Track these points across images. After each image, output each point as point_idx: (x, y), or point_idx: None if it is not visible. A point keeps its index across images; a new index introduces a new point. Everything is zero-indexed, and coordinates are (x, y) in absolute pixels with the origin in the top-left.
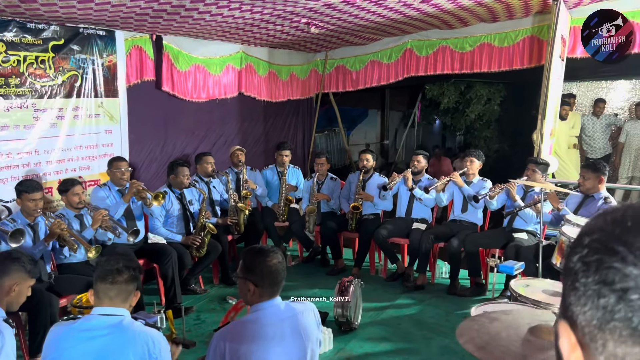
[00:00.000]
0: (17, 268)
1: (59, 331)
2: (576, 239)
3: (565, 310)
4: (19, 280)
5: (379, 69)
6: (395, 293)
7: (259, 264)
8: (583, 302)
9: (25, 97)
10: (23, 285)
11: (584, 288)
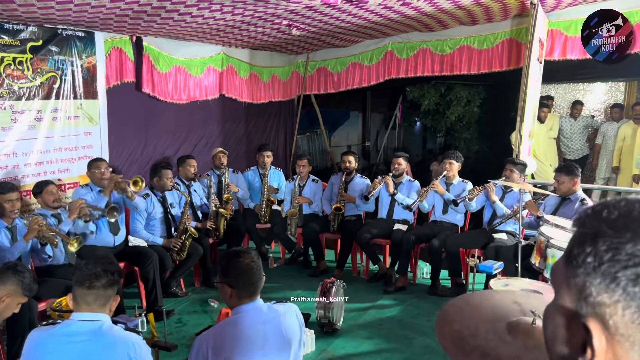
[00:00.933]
0: (15, 281)
1: (38, 336)
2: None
3: (593, 307)
4: (12, 293)
5: (360, 70)
6: (377, 294)
7: (232, 265)
8: (623, 299)
9: (2, 98)
10: (14, 300)
11: (622, 285)
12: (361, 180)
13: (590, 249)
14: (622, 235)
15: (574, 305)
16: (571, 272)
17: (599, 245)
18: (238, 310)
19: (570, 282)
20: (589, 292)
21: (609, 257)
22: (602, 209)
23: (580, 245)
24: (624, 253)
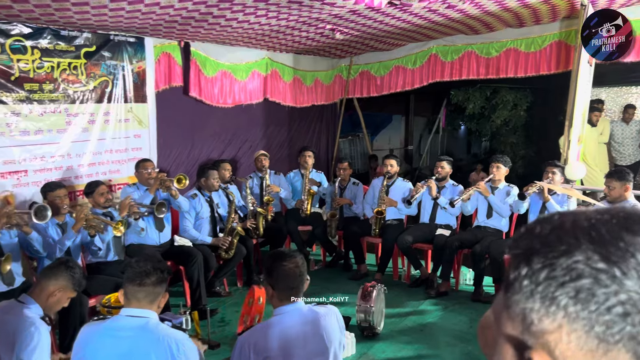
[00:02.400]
0: (67, 276)
1: (89, 331)
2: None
3: (537, 337)
4: (63, 288)
5: (403, 74)
6: (418, 299)
7: (276, 267)
8: (566, 322)
9: (58, 102)
10: (64, 294)
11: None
12: (403, 184)
13: (526, 270)
14: (556, 249)
15: (519, 336)
16: (511, 300)
17: (534, 264)
18: (279, 311)
19: (511, 310)
20: (530, 320)
21: (544, 276)
22: (535, 226)
23: (516, 268)
24: (559, 268)
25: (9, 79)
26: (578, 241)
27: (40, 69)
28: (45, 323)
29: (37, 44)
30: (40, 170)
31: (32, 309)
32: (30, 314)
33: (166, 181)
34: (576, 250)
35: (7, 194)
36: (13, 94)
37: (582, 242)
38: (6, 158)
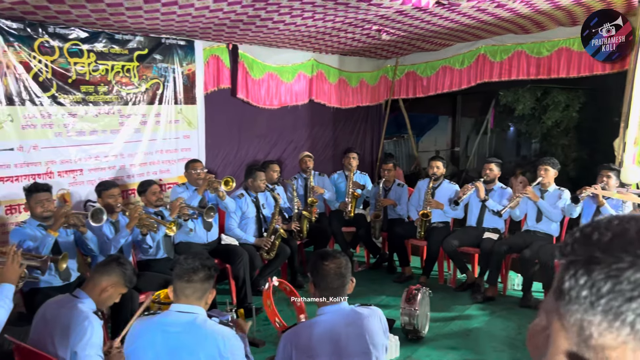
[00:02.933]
0: (119, 272)
1: (142, 324)
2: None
3: (596, 351)
4: (115, 284)
5: (450, 74)
6: (464, 304)
7: (318, 266)
8: (632, 339)
9: (112, 103)
10: (116, 290)
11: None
12: (449, 187)
13: (585, 280)
14: (621, 260)
15: (574, 347)
16: (565, 309)
17: (595, 275)
18: (322, 311)
19: (565, 320)
20: (588, 332)
21: (608, 289)
22: (592, 231)
23: (572, 276)
24: (626, 282)
25: (67, 82)
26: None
27: (96, 71)
28: (98, 317)
29: (92, 47)
30: (94, 170)
31: (85, 303)
32: (84, 308)
33: (214, 182)
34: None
35: (64, 192)
36: (70, 95)
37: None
38: (63, 157)
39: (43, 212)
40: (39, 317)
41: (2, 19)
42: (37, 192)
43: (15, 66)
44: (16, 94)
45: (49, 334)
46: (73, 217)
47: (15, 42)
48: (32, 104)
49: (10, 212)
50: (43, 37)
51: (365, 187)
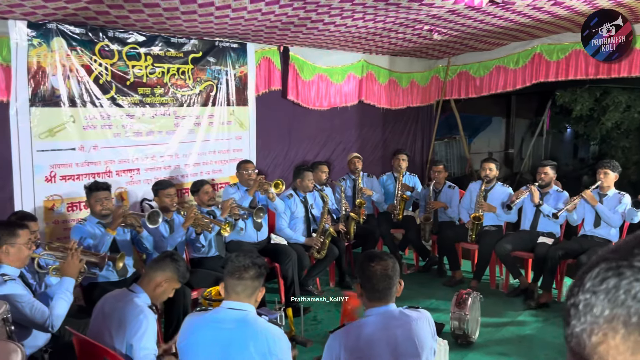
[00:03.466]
0: (173, 268)
1: (192, 321)
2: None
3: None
4: (169, 279)
5: (504, 74)
6: (516, 309)
7: (365, 268)
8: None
9: (168, 105)
10: (170, 285)
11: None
12: (502, 189)
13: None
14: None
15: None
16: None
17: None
18: (370, 312)
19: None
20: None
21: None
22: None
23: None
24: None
25: (125, 84)
26: None
27: (152, 74)
28: (152, 311)
29: (149, 51)
30: (150, 169)
31: (141, 297)
32: (139, 302)
33: (264, 184)
34: None
35: (122, 191)
36: (128, 97)
37: None
38: (121, 157)
39: (102, 210)
40: (97, 310)
41: (65, 24)
42: (97, 191)
43: (77, 69)
44: (78, 96)
45: (106, 327)
46: (130, 217)
47: (77, 47)
48: (92, 106)
49: (71, 209)
50: (103, 41)
51: (415, 189)
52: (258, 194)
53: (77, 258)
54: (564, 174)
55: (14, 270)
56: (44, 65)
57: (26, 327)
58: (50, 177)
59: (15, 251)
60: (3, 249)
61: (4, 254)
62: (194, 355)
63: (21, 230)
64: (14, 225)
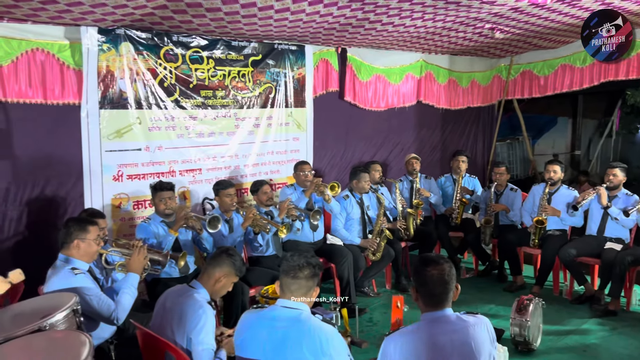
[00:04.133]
0: (229, 263)
1: (249, 317)
2: None
3: None
4: (227, 274)
5: (570, 73)
6: (581, 317)
7: (421, 272)
8: None
9: (228, 107)
10: (229, 280)
11: None
12: (567, 192)
13: None
14: None
15: None
16: None
17: None
18: (425, 317)
19: None
20: None
21: None
22: None
23: None
24: None
25: (188, 87)
26: None
27: (214, 77)
28: (211, 307)
29: (211, 54)
30: (212, 169)
31: (201, 293)
32: (199, 298)
33: (321, 186)
34: None
35: (184, 190)
36: (191, 100)
37: None
38: (184, 157)
39: (165, 209)
40: (159, 305)
41: (133, 29)
42: (162, 191)
43: (143, 73)
44: (144, 99)
45: (167, 322)
46: (192, 220)
47: (144, 51)
48: (157, 108)
49: (137, 207)
50: (168, 45)
51: (475, 192)
52: (314, 194)
53: (142, 255)
54: (635, 177)
55: (83, 265)
56: (112, 69)
57: (94, 319)
58: (117, 176)
59: (85, 246)
60: (74, 243)
61: (75, 248)
62: (250, 352)
63: (91, 226)
64: (85, 222)
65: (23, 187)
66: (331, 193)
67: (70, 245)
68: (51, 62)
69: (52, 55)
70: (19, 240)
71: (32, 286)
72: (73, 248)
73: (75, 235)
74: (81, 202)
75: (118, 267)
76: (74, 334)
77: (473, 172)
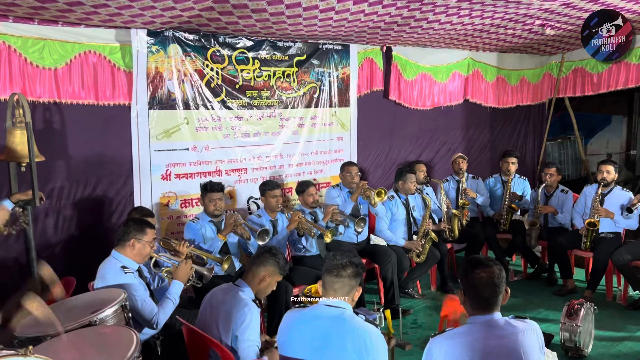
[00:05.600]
0: (273, 262)
1: (292, 316)
2: None
3: None
4: (272, 273)
5: (626, 70)
6: (636, 324)
7: (469, 274)
8: None
9: (273, 107)
10: (273, 279)
11: None
12: (622, 194)
13: None
14: None
15: None
16: None
17: None
18: (473, 320)
19: None
20: None
21: None
22: None
23: None
24: None
25: (234, 87)
26: None
27: (259, 77)
28: (256, 305)
29: (257, 55)
30: (257, 169)
31: (245, 292)
32: (244, 296)
33: (367, 190)
34: None
35: (231, 189)
36: (237, 100)
37: None
38: (230, 157)
39: (215, 210)
40: (205, 303)
41: (181, 31)
42: (212, 192)
43: (191, 74)
44: (191, 99)
45: (214, 319)
46: (241, 228)
47: (191, 52)
48: (204, 108)
49: (184, 206)
50: (214, 46)
51: (524, 197)
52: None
53: (189, 266)
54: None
55: (133, 264)
56: (161, 70)
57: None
58: (165, 176)
59: (140, 247)
60: (131, 242)
61: (130, 247)
62: (293, 351)
63: (149, 229)
64: (144, 224)
65: (76, 185)
66: (377, 199)
67: (126, 244)
68: (103, 64)
69: (104, 58)
70: (71, 237)
71: (84, 282)
72: (128, 247)
73: (132, 235)
74: (131, 201)
75: (165, 272)
76: (123, 329)
77: (522, 172)
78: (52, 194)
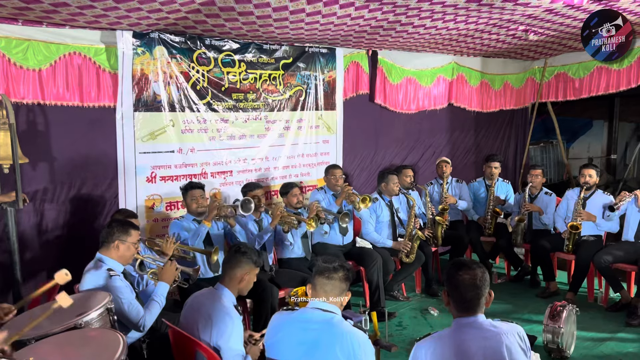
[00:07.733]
0: (246, 260)
1: (280, 319)
2: None
3: None
4: (248, 270)
5: (607, 75)
6: (617, 325)
7: (453, 276)
8: None
9: (259, 110)
10: (251, 275)
11: None
12: (603, 197)
13: None
14: None
15: None
16: None
17: None
18: (457, 322)
19: None
20: None
21: None
22: None
23: None
24: None
25: (220, 90)
26: None
27: (246, 80)
28: (237, 311)
29: (243, 57)
30: (242, 171)
31: (226, 296)
32: (226, 303)
33: (352, 195)
34: None
35: (216, 191)
36: (223, 102)
37: None
38: (216, 160)
39: (197, 207)
40: (187, 306)
41: (167, 33)
42: (192, 190)
43: (177, 76)
44: (177, 102)
45: (194, 321)
46: (224, 209)
47: (177, 54)
48: (190, 111)
49: (169, 208)
50: (200, 48)
51: (507, 200)
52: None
53: (174, 266)
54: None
55: (118, 266)
56: (147, 72)
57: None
58: (151, 178)
59: (124, 248)
60: (115, 243)
61: (114, 249)
62: (280, 354)
63: (133, 230)
64: (128, 225)
65: (60, 187)
66: (362, 206)
67: (110, 246)
68: (88, 66)
69: (89, 59)
70: (55, 239)
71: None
72: (112, 248)
73: (116, 237)
74: (116, 203)
75: (150, 274)
76: (109, 332)
77: (505, 176)
78: (35, 196)
